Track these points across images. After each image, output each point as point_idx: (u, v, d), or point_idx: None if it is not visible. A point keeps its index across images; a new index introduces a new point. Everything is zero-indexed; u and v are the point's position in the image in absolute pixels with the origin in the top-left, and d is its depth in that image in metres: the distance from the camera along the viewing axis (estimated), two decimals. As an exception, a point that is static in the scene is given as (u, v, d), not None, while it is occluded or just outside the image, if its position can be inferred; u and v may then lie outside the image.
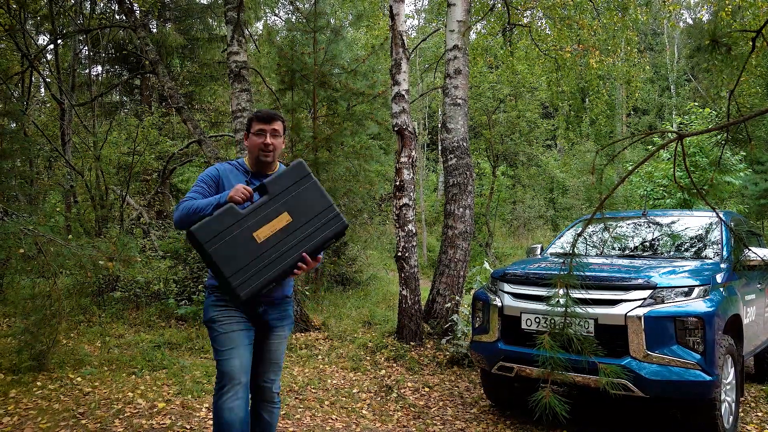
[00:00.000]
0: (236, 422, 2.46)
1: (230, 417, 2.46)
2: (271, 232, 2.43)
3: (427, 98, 22.47)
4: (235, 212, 2.41)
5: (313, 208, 2.49)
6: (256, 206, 2.45)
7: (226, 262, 2.37)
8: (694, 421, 3.62)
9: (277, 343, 2.73)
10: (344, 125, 9.85)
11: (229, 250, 2.38)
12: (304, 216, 2.47)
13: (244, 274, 2.38)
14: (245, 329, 2.58)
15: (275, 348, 2.72)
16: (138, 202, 11.53)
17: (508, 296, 4.08)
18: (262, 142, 2.65)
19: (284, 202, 2.47)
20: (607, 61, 10.91)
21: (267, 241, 2.42)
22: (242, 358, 2.53)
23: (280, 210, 2.46)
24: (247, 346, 2.57)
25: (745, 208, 13.78)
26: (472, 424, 4.21)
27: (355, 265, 11.25)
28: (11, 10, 9.45)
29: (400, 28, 6.54)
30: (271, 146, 2.65)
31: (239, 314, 2.58)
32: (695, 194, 10.51)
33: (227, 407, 2.46)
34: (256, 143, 2.66)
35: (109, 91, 14.75)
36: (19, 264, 4.83)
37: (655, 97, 30.04)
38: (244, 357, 2.54)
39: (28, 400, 4.02)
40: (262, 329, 2.68)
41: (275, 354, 2.73)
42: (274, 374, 2.73)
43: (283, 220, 2.45)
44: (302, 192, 2.49)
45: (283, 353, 2.78)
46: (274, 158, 2.71)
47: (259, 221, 2.43)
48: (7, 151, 6.75)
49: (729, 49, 2.05)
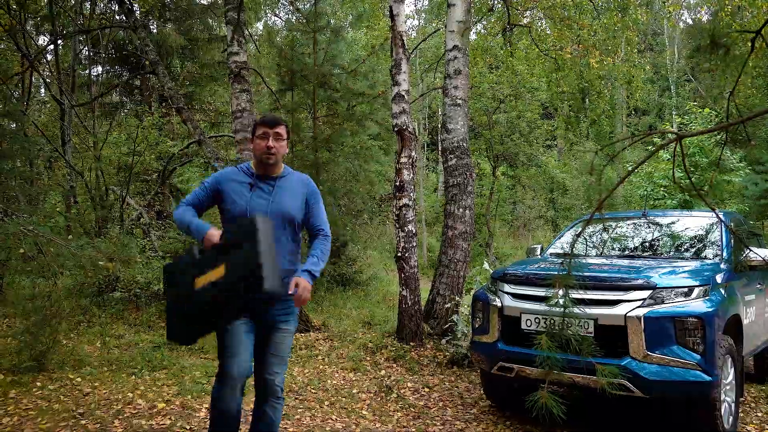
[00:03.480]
0: (230, 415, 2.67)
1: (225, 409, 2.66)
2: (206, 281, 2.46)
3: (427, 98, 22.47)
4: (193, 255, 2.56)
5: (245, 267, 2.39)
6: (208, 253, 2.54)
7: (169, 307, 2.63)
8: (694, 421, 3.62)
9: (282, 338, 2.78)
10: (344, 125, 9.85)
11: (174, 294, 2.60)
12: (233, 273, 2.41)
13: (173, 320, 2.59)
14: (247, 331, 2.67)
15: (280, 342, 2.78)
16: (138, 203, 11.52)
17: (508, 297, 4.08)
18: (265, 145, 2.76)
19: (226, 256, 2.46)
20: (607, 61, 10.91)
21: (201, 289, 2.46)
22: (243, 361, 2.64)
23: (220, 263, 2.45)
24: (248, 347, 2.68)
25: (745, 209, 13.76)
26: (472, 424, 4.21)
27: (355, 265, 11.25)
28: (11, 10, 9.46)
29: (400, 28, 6.54)
30: (274, 149, 2.76)
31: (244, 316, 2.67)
32: (695, 195, 10.51)
33: (223, 401, 2.65)
34: (259, 146, 2.78)
35: (109, 91, 14.74)
36: (19, 264, 4.85)
37: (655, 98, 30.03)
38: (245, 359, 2.65)
39: (27, 401, 4.02)
40: (267, 326, 2.75)
41: (280, 348, 2.78)
42: (278, 367, 2.78)
43: (218, 272, 2.44)
44: (245, 249, 2.41)
45: (288, 348, 2.82)
46: (277, 161, 2.81)
47: (203, 268, 2.48)
48: (7, 151, 6.76)
49: (728, 49, 2.06)
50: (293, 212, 2.79)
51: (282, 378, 2.81)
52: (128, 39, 13.11)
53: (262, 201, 2.75)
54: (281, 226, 2.74)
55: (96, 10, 13.01)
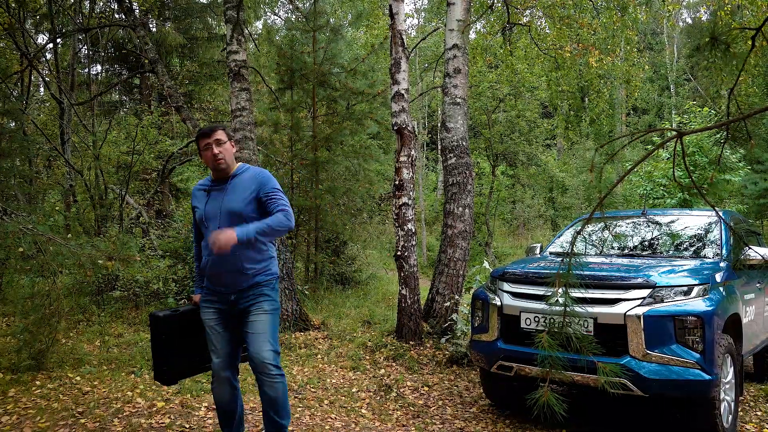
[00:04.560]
0: (223, 403, 3.08)
1: (218, 399, 3.09)
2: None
3: (426, 97, 22.47)
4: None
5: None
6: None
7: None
8: (693, 420, 3.62)
9: (255, 319, 2.93)
10: (344, 124, 9.85)
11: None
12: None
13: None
14: (221, 327, 3.02)
15: (254, 322, 2.93)
16: (137, 202, 11.52)
17: (507, 295, 4.08)
18: (210, 154, 2.97)
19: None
20: (606, 60, 10.90)
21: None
22: (221, 356, 3.01)
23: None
24: (225, 343, 3.02)
25: (745, 208, 13.78)
26: (472, 423, 4.21)
27: (354, 264, 11.25)
28: (11, 8, 9.44)
29: (399, 27, 6.53)
30: (220, 154, 2.96)
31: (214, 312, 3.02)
32: (695, 194, 10.51)
33: (216, 393, 3.08)
34: (206, 157, 3.00)
35: (109, 90, 14.74)
36: (18, 263, 4.83)
37: (655, 97, 30.06)
38: (223, 354, 3.01)
39: (27, 399, 4.02)
40: (238, 315, 2.99)
41: (255, 326, 2.92)
42: (257, 344, 2.90)
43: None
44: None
45: (266, 325, 2.94)
46: (227, 164, 3.00)
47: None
48: (7, 150, 6.74)
49: (728, 46, 2.05)
50: (239, 208, 2.92)
51: (268, 355, 2.89)
52: (127, 38, 13.11)
53: (216, 203, 2.97)
54: (232, 223, 2.87)
55: (95, 9, 12.99)
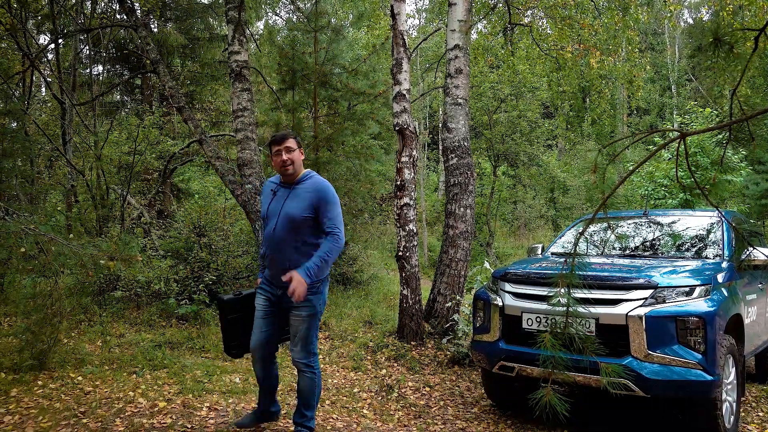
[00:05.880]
0: (258, 377, 3.51)
1: (257, 374, 3.49)
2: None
3: (428, 98, 22.48)
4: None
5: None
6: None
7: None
8: (694, 420, 3.62)
9: (292, 322, 3.29)
10: (345, 125, 9.84)
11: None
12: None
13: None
14: (265, 314, 3.36)
15: (291, 324, 3.30)
16: (139, 202, 11.53)
17: (509, 296, 4.08)
18: (280, 160, 3.26)
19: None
20: (608, 60, 10.90)
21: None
22: (259, 338, 3.35)
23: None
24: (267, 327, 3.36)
25: (747, 208, 13.76)
26: (473, 423, 4.20)
27: (355, 264, 11.23)
28: (12, 9, 9.45)
29: (401, 27, 6.53)
30: (289, 161, 3.25)
31: (265, 300, 3.37)
32: (697, 194, 10.50)
33: (253, 367, 3.48)
34: (276, 162, 3.29)
35: (110, 90, 14.75)
36: (20, 263, 4.84)
37: (656, 97, 30.03)
38: (261, 336, 3.36)
39: (29, 399, 4.02)
40: (283, 309, 3.34)
41: (292, 328, 3.31)
42: (293, 344, 3.32)
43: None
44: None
45: (301, 330, 3.27)
46: (294, 170, 3.29)
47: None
48: (8, 150, 6.76)
49: (731, 47, 2.05)
50: (295, 215, 3.19)
51: (296, 355, 3.29)
52: (129, 38, 13.11)
53: (277, 205, 3.28)
54: (289, 226, 3.19)
55: (97, 9, 13.01)
